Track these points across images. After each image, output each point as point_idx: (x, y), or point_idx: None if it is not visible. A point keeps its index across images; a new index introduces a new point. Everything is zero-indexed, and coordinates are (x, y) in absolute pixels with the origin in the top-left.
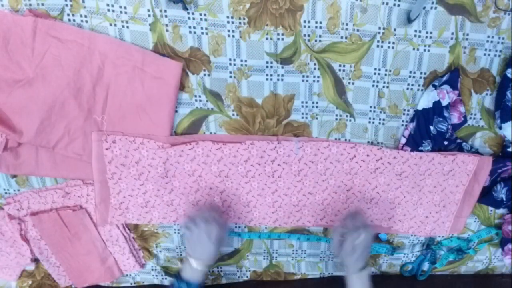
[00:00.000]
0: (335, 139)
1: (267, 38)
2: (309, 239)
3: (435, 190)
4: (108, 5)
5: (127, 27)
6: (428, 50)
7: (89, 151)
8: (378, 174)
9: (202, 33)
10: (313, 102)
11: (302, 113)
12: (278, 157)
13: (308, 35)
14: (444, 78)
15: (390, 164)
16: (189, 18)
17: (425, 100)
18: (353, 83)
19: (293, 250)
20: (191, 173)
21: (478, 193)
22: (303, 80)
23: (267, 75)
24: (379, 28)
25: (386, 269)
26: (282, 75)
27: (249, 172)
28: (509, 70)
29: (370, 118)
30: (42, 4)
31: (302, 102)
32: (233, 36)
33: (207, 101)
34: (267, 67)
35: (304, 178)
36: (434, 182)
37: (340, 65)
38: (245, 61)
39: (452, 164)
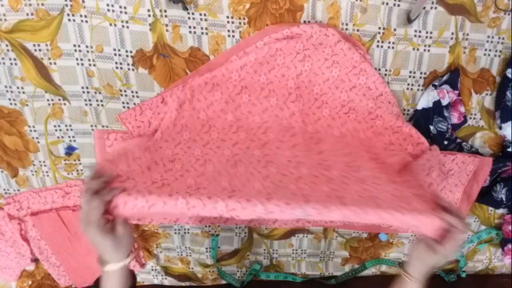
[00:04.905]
0: None
1: None
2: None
3: None
4: (108, 5)
5: (127, 27)
6: (428, 50)
7: None
8: None
9: (202, 33)
10: None
11: None
12: None
13: None
14: (444, 78)
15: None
16: (189, 18)
17: (425, 100)
18: None
19: (293, 250)
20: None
21: (476, 193)
22: None
23: None
24: (379, 28)
25: (386, 269)
26: None
27: None
28: (509, 70)
29: None
30: (42, 4)
31: None
32: (233, 36)
33: None
34: None
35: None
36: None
37: None
38: None
39: (452, 164)
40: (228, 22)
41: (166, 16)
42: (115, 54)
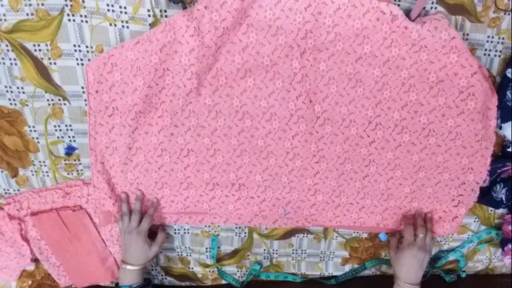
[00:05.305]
0: None
1: None
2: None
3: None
4: (108, 5)
5: (127, 27)
6: None
7: None
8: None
9: None
10: None
11: None
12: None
13: None
14: None
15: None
16: None
17: None
18: None
19: (293, 250)
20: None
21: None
22: None
23: None
24: None
25: (386, 269)
26: None
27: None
28: (509, 70)
29: None
30: (42, 4)
31: None
32: None
33: None
34: None
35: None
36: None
37: None
38: None
39: None
40: None
41: (166, 16)
42: None
